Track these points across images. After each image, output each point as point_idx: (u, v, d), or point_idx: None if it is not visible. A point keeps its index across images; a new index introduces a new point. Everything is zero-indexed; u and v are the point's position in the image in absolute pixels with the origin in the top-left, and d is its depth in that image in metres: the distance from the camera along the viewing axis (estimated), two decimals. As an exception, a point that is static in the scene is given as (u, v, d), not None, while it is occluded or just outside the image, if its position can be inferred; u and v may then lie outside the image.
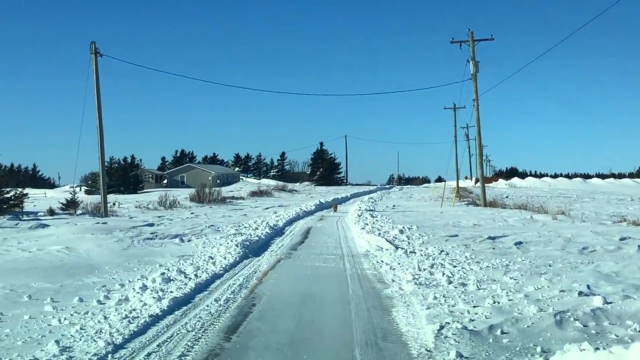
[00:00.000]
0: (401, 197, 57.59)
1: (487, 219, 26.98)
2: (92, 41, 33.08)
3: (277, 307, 10.28)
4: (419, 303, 10.08)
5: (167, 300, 10.25)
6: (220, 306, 10.26)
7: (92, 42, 33.10)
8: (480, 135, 40.00)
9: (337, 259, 16.04)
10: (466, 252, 15.91)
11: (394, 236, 20.16)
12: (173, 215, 32.74)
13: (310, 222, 28.97)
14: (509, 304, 9.71)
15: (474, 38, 38.53)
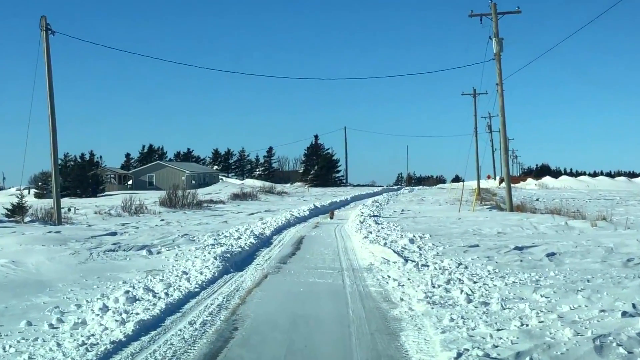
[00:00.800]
0: (411, 200, 57.63)
1: (513, 226, 27.00)
2: (43, 16, 33.05)
3: (263, 331, 10.25)
4: (433, 326, 10.07)
5: (133, 324, 10.22)
6: (196, 330, 10.24)
7: (43, 16, 33.05)
8: (505, 126, 40.06)
9: (335, 274, 16.02)
10: (489, 265, 15.91)
11: (403, 246, 20.15)
12: (140, 222, 32.70)
13: (304, 230, 28.96)
14: (539, 327, 9.70)
15: (497, 10, 38.60)
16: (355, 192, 78.09)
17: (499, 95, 39.40)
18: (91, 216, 37.12)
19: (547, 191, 76.68)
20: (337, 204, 51.91)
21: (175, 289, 13.41)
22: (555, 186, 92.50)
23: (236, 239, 22.86)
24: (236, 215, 39.40)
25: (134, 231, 27.13)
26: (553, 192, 74.54)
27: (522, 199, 51.51)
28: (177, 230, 27.24)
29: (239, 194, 64.75)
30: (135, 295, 12.57)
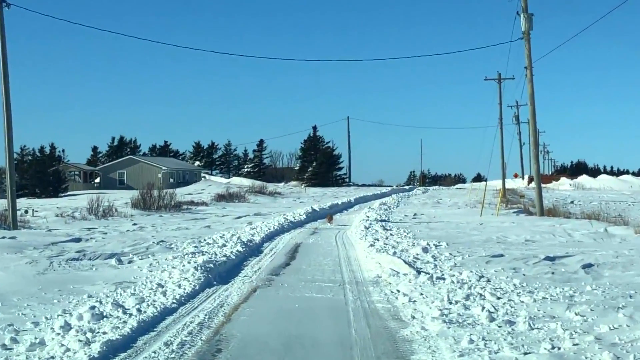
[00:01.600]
0: (425, 203, 57.63)
1: (544, 233, 27.00)
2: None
3: (251, 354, 10.24)
4: (449, 348, 10.06)
5: (99, 345, 10.21)
6: (173, 353, 10.23)
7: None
8: (534, 116, 40.09)
9: (336, 288, 16.01)
10: (515, 278, 15.90)
11: (415, 256, 20.14)
12: (108, 227, 32.70)
13: (300, 237, 28.96)
14: (573, 350, 9.70)
15: (526, -18, 38.57)
16: (360, 192, 78.10)
17: (528, 81, 39.40)
18: (52, 219, 37.12)
19: (583, 192, 76.75)
20: (338, 207, 51.93)
21: (149, 304, 13.38)
22: (593, 187, 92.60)
23: (220, 246, 22.83)
24: (221, 219, 39.38)
25: (101, 237, 27.11)
26: (590, 193, 74.61)
27: (554, 202, 51.54)
28: (152, 237, 27.22)
29: (225, 194, 64.73)
30: (103, 311, 12.55)
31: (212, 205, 54.77)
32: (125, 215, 40.53)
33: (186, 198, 59.17)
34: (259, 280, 17.23)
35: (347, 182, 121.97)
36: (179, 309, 13.48)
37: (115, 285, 15.75)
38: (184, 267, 17.69)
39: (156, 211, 45.37)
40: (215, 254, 20.49)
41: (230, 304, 13.99)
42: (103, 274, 17.66)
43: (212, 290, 15.60)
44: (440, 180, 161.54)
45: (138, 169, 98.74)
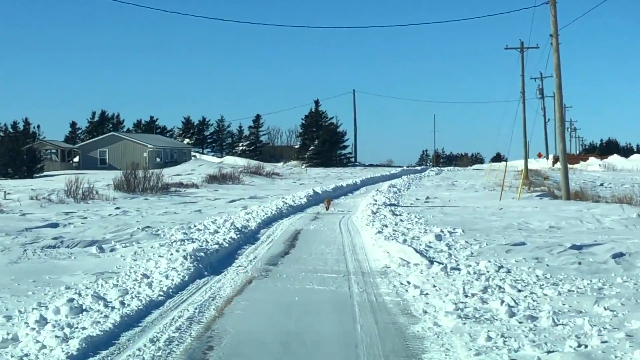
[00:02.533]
0: (439, 185, 57.62)
1: (570, 219, 27.00)
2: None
3: (245, 352, 10.26)
4: (464, 346, 10.08)
5: (78, 341, 10.22)
6: (159, 350, 10.24)
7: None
8: (560, 90, 39.99)
9: (340, 279, 16.04)
10: (537, 268, 15.92)
11: (427, 244, 20.16)
12: (88, 211, 32.70)
13: (300, 223, 28.97)
14: (602, 349, 9.71)
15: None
16: (367, 174, 78.08)
17: (554, 50, 39.29)
18: (26, 202, 37.11)
19: (614, 174, 76.66)
20: (342, 190, 51.89)
21: (134, 296, 13.40)
22: (625, 167, 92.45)
23: (212, 233, 22.84)
24: (213, 203, 39.36)
25: (80, 222, 27.11)
26: (622, 175, 74.52)
27: (582, 184, 51.50)
28: (137, 222, 27.23)
29: (217, 175, 64.67)
30: (82, 304, 12.56)
31: (203, 188, 54.73)
32: (107, 198, 40.50)
33: (174, 179, 59.17)
34: (254, 270, 17.24)
35: (353, 162, 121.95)
36: (167, 302, 13.49)
37: (95, 275, 15.75)
38: (172, 255, 17.69)
39: (141, 194, 45.32)
40: (207, 242, 20.49)
41: (223, 297, 14.00)
42: (82, 263, 17.67)
43: (203, 282, 15.62)
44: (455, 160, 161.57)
45: (121, 147, 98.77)
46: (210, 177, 62.89)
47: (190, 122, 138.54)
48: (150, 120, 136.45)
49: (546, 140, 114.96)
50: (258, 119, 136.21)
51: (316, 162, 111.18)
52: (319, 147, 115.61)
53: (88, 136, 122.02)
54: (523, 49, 67.04)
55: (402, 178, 67.29)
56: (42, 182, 59.47)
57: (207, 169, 76.39)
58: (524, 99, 67.74)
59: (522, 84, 67.97)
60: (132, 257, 18.46)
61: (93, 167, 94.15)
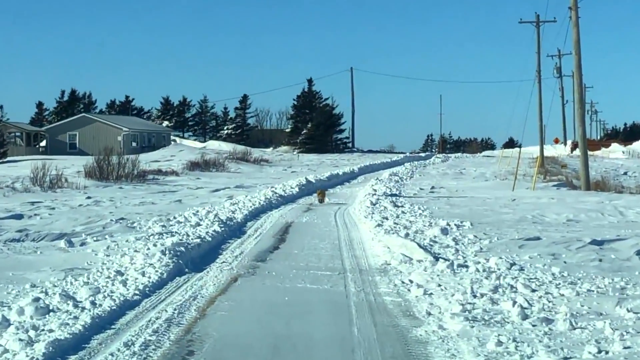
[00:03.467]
0: (445, 174, 57.65)
1: (590, 211, 27.04)
2: None
3: (230, 358, 10.27)
4: (472, 352, 10.09)
5: (44, 345, 10.21)
6: (134, 355, 10.23)
7: None
8: (580, 69, 39.98)
9: (335, 277, 16.04)
10: (554, 266, 15.93)
11: (432, 238, 20.18)
12: (57, 200, 32.67)
13: (291, 215, 28.98)
14: (624, 355, 9.72)
15: None
16: (366, 160, 78.10)
17: (573, 25, 39.27)
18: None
19: (639, 162, 76.76)
20: (338, 178, 51.91)
21: (106, 295, 13.38)
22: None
23: (194, 225, 22.85)
24: (194, 192, 39.36)
25: (48, 213, 27.09)
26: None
27: (603, 173, 51.57)
28: (110, 213, 27.21)
29: (199, 161, 64.63)
30: (49, 304, 12.54)
31: (183, 175, 54.75)
32: (78, 187, 40.46)
33: (152, 166, 59.10)
34: (240, 267, 17.24)
35: (350, 148, 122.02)
36: (143, 301, 13.48)
37: (64, 272, 15.73)
38: (149, 250, 17.68)
39: (115, 182, 45.29)
40: (187, 235, 20.50)
41: (205, 297, 14.00)
42: (50, 258, 17.65)
43: (184, 280, 15.62)
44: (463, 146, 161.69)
45: (93, 130, 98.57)
46: (192, 164, 62.84)
47: (169, 102, 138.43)
48: (126, 100, 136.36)
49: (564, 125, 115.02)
50: (245, 100, 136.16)
51: (309, 147, 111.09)
52: (312, 130, 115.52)
53: (56, 118, 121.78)
54: (539, 22, 66.97)
55: (405, 165, 67.38)
56: (5, 169, 59.36)
57: (188, 155, 76.32)
58: (539, 79, 67.67)
59: (537, 62, 67.89)
60: (104, 252, 18.42)
61: (62, 152, 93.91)
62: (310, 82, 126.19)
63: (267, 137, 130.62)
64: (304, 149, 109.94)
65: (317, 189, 37.88)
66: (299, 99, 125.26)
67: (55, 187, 39.71)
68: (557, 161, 72.79)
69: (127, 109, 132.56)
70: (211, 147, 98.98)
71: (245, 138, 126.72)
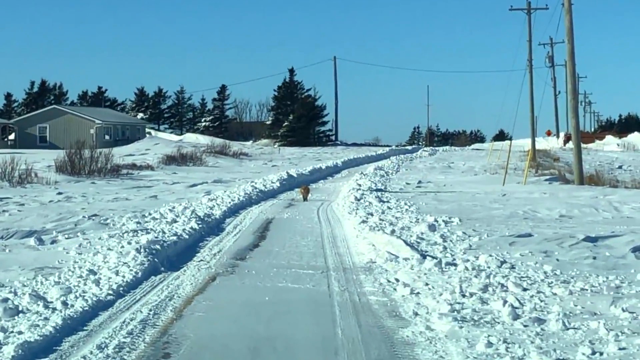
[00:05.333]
0: (433, 167, 57.71)
1: (583, 207, 27.11)
2: None
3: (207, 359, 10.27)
4: (461, 354, 10.11)
5: (13, 348, 10.19)
6: (108, 358, 10.22)
7: None
8: (573, 58, 40.04)
9: (318, 276, 16.05)
10: (546, 264, 15.97)
11: (419, 236, 20.18)
12: (26, 196, 32.59)
13: (272, 211, 28.99)
14: (619, 356, 9.75)
15: None
16: (350, 154, 78.12)
17: (565, 12, 39.36)
18: (-47, 187, 36.96)
19: (634, 155, 77.00)
20: (321, 173, 51.93)
21: (78, 296, 13.36)
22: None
23: (170, 222, 22.82)
24: (170, 188, 39.33)
25: (17, 210, 27.02)
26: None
27: (597, 166, 51.73)
28: (82, 209, 27.16)
29: (176, 155, 64.56)
30: (18, 305, 12.52)
31: (159, 170, 54.69)
32: (48, 182, 40.36)
33: (126, 160, 59.04)
34: (219, 265, 17.23)
35: (333, 141, 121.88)
36: (117, 302, 13.47)
37: (34, 271, 15.69)
38: (123, 248, 17.67)
39: (87, 177, 45.21)
40: (163, 232, 20.48)
41: (182, 296, 13.99)
42: (19, 257, 17.60)
43: (159, 279, 15.61)
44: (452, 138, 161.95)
45: (64, 123, 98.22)
46: (168, 158, 62.76)
47: (144, 93, 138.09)
48: (98, 91, 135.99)
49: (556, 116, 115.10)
50: (223, 91, 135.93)
51: (291, 140, 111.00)
52: (294, 123, 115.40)
53: (26, 110, 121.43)
54: (530, 10, 67.17)
55: (391, 159, 67.38)
56: (-28, 163, 59.15)
57: (164, 148, 76.19)
58: (531, 69, 67.87)
59: (529, 51, 68.07)
60: (76, 250, 18.39)
61: (32, 146, 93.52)
62: (292, 72, 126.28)
63: (246, 130, 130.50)
64: (285, 142, 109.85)
65: (299, 184, 37.77)
66: (279, 89, 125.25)
67: (24, 182, 39.58)
68: (550, 154, 72.96)
69: (100, 100, 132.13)
70: (188, 140, 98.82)
71: (224, 131, 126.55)
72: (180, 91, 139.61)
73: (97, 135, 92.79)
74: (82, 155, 47.79)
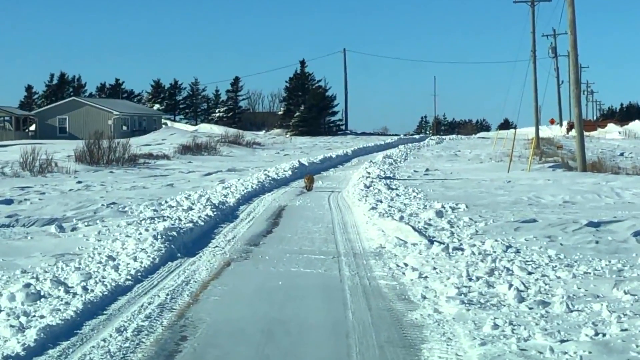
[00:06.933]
0: (440, 155, 57.65)
1: (586, 193, 27.06)
2: None
3: (223, 343, 10.27)
4: (468, 335, 10.11)
5: (35, 331, 10.21)
6: (127, 341, 10.24)
7: None
8: (576, 48, 39.94)
9: (329, 261, 16.05)
10: (550, 248, 15.96)
11: (427, 221, 20.19)
12: (47, 185, 32.61)
13: (284, 198, 28.97)
14: (621, 337, 9.74)
15: None
16: (359, 143, 78.02)
17: (568, 4, 39.24)
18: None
19: (635, 142, 76.77)
20: (331, 161, 51.87)
21: (98, 281, 13.38)
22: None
23: (186, 210, 22.83)
24: (186, 176, 39.32)
25: (38, 198, 27.04)
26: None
27: (599, 154, 51.61)
28: (101, 198, 27.18)
29: (191, 145, 64.56)
30: (40, 290, 12.54)
31: (175, 159, 54.69)
32: (68, 171, 40.40)
33: (143, 150, 58.99)
34: (233, 251, 17.24)
35: (343, 131, 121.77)
36: (135, 287, 13.49)
37: (55, 257, 15.72)
38: (141, 235, 17.67)
39: (106, 166, 45.24)
40: (180, 220, 20.49)
41: (198, 281, 14.01)
42: (40, 244, 17.64)
43: (176, 264, 15.62)
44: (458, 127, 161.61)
45: (83, 114, 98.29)
46: (184, 147, 62.77)
47: (160, 85, 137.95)
48: (116, 83, 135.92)
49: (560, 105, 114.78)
50: (237, 82, 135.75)
51: (302, 130, 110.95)
52: (305, 113, 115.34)
53: (46, 102, 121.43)
54: (534, 2, 66.90)
55: (399, 148, 67.32)
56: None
57: (179, 138, 76.18)
58: (534, 59, 67.63)
59: (532, 42, 67.87)
60: (95, 237, 18.43)
61: (52, 137, 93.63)
62: (303, 64, 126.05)
63: (259, 120, 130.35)
64: (296, 132, 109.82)
65: (310, 172, 37.69)
66: (291, 81, 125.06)
67: (45, 171, 39.64)
68: (553, 142, 72.74)
69: (118, 92, 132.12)
70: (203, 131, 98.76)
71: (237, 121, 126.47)
72: (195, 83, 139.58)
73: (115, 126, 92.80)
74: (101, 145, 47.81)
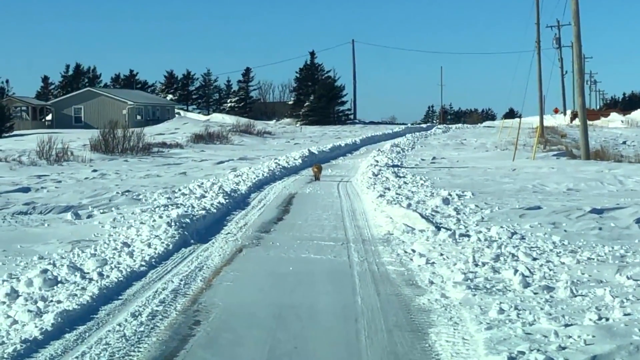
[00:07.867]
0: (446, 144, 57.62)
1: (590, 180, 27.02)
2: None
3: (235, 327, 10.29)
4: (475, 320, 10.11)
5: (53, 316, 10.24)
6: (142, 325, 10.26)
7: None
8: (579, 39, 39.84)
9: (338, 247, 16.07)
10: (554, 234, 15.95)
11: (434, 209, 20.17)
12: (63, 174, 32.69)
13: (294, 186, 28.97)
14: (624, 321, 9.73)
15: None
16: (368, 132, 78.03)
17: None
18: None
19: (638, 131, 76.60)
20: (340, 150, 51.86)
21: (113, 267, 13.41)
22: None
23: (198, 197, 22.84)
24: (199, 165, 39.36)
25: (54, 186, 27.09)
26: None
27: (602, 142, 51.49)
28: (116, 186, 27.21)
29: (203, 134, 64.61)
30: (57, 275, 12.56)
31: (188, 148, 54.73)
32: (83, 160, 40.47)
33: (157, 139, 59.08)
34: (245, 238, 17.26)
35: (352, 120, 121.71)
36: (149, 272, 13.52)
37: (71, 244, 15.76)
38: (155, 222, 17.70)
39: (120, 155, 45.30)
40: (192, 207, 20.50)
41: (211, 267, 14.03)
42: (57, 230, 17.68)
43: (189, 251, 15.64)
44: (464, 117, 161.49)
45: (98, 104, 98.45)
46: (196, 137, 62.83)
47: (173, 76, 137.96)
48: (130, 74, 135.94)
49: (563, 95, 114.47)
50: (248, 73, 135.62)
51: (312, 119, 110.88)
52: (314, 103, 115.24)
53: (62, 92, 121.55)
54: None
55: (406, 137, 67.29)
56: (12, 143, 59.31)
57: (192, 128, 76.25)
58: (539, 50, 67.43)
59: (537, 33, 67.62)
60: (111, 224, 18.45)
61: (67, 126, 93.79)
62: (313, 55, 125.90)
63: (270, 110, 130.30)
64: (306, 121, 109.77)
65: (320, 161, 37.50)
66: (301, 71, 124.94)
67: (61, 160, 39.70)
68: (557, 131, 72.65)
69: (132, 82, 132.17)
70: (215, 120, 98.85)
71: (248, 111, 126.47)
72: (207, 74, 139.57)
73: (129, 116, 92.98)
74: (115, 134, 47.85)
